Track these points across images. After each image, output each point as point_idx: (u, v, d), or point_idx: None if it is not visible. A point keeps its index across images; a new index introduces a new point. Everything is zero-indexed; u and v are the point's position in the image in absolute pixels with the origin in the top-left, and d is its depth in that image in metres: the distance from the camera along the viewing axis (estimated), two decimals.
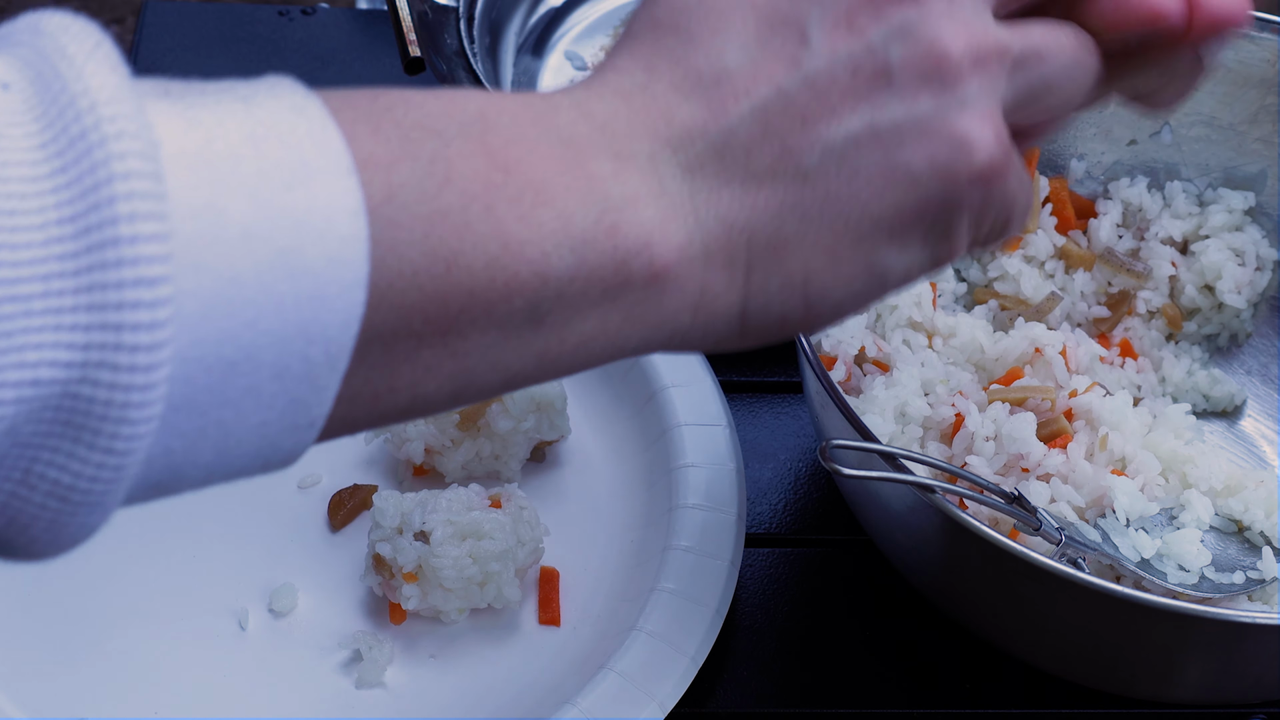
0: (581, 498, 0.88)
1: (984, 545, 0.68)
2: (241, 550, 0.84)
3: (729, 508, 0.83)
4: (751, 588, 0.84)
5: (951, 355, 0.86)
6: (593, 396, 0.92)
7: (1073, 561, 0.73)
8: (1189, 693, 0.77)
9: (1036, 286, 0.90)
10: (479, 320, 0.44)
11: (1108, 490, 0.79)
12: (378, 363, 0.43)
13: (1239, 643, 0.70)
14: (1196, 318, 0.92)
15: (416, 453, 0.85)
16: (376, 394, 0.44)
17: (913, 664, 0.81)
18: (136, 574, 0.82)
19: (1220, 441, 0.90)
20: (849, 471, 0.67)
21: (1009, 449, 0.79)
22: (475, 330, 0.44)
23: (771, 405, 0.93)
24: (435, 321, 0.43)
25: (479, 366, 0.45)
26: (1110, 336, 0.91)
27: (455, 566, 0.78)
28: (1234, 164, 0.91)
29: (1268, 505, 0.80)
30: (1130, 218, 0.93)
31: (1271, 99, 0.89)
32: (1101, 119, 0.92)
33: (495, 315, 0.44)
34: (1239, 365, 0.92)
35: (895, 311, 0.85)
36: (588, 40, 1.10)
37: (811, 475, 0.90)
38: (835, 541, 0.87)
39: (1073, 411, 0.82)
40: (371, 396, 0.44)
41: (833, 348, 0.82)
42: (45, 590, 0.81)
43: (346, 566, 0.83)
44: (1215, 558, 0.78)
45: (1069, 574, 0.67)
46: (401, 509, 0.80)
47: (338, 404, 0.42)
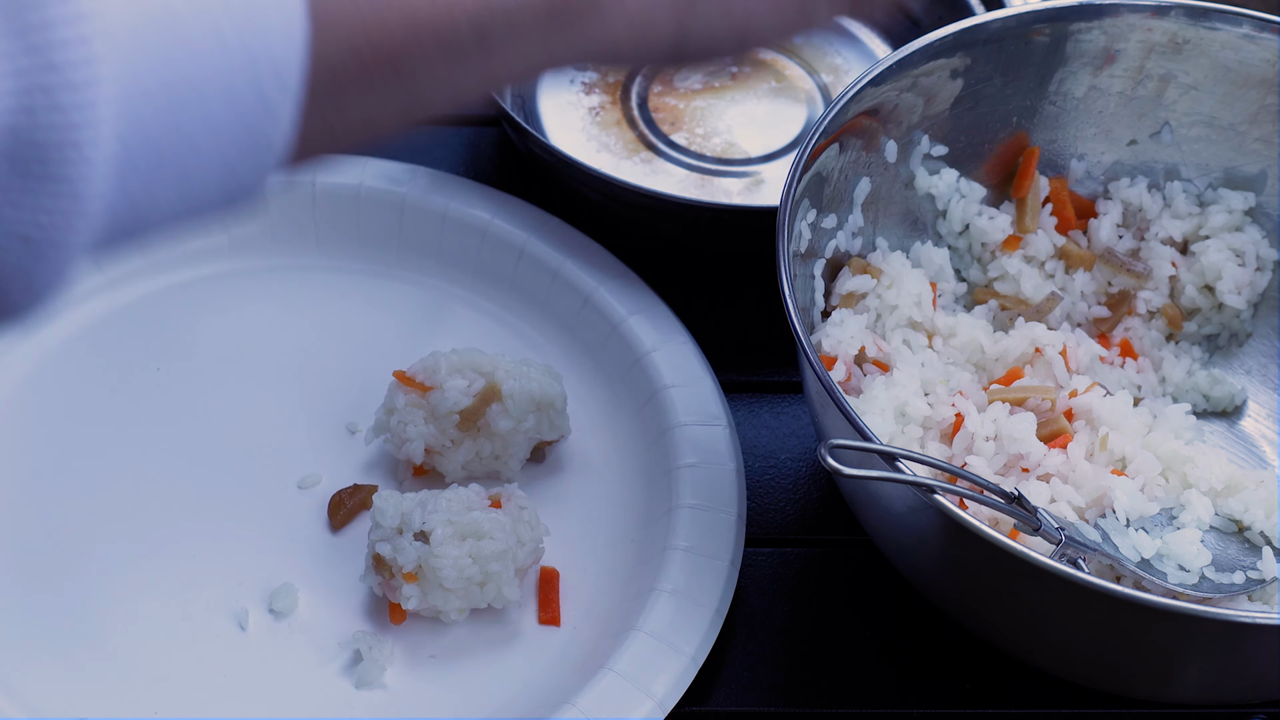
0: (581, 498, 0.88)
1: (984, 545, 0.68)
2: (241, 550, 0.84)
3: (729, 508, 0.83)
4: (751, 588, 0.84)
5: (951, 355, 0.86)
6: (593, 396, 0.92)
7: (1073, 561, 0.73)
8: (1189, 693, 0.77)
9: (1036, 286, 0.90)
10: (426, 45, 0.45)
11: (1108, 490, 0.79)
12: (328, 91, 0.44)
13: (1239, 643, 0.70)
14: (1196, 318, 0.92)
15: (416, 453, 0.85)
16: (329, 123, 0.45)
17: (912, 664, 0.81)
18: (137, 574, 0.82)
19: (1220, 441, 0.90)
20: (849, 471, 0.67)
21: (1009, 449, 0.79)
22: (423, 57, 0.45)
23: (771, 405, 0.93)
24: (383, 48, 0.44)
25: (428, 91, 0.47)
26: (1110, 336, 0.91)
27: (455, 566, 0.78)
28: (1234, 164, 0.92)
29: (1268, 505, 0.80)
30: (1130, 218, 0.93)
31: (1271, 99, 0.89)
32: (1101, 119, 0.92)
33: (444, 44, 0.45)
34: (1239, 365, 0.92)
35: (895, 311, 0.85)
36: None
37: (811, 475, 0.90)
38: (835, 541, 0.87)
39: (1073, 411, 0.82)
40: (324, 126, 0.45)
41: (833, 348, 0.82)
42: (45, 590, 0.81)
43: (346, 566, 0.83)
44: (1215, 558, 0.78)
45: (1069, 574, 0.67)
46: (401, 509, 0.80)
47: (295, 135, 0.43)
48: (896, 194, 0.90)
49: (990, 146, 0.91)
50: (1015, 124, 0.91)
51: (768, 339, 0.96)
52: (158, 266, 0.95)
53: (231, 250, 0.96)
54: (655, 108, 1.06)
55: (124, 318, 0.93)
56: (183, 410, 0.89)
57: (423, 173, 0.98)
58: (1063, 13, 0.88)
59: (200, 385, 0.91)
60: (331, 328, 0.94)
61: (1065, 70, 0.90)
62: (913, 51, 0.85)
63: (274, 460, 0.88)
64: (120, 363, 0.91)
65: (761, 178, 1.03)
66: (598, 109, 1.06)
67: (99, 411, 0.89)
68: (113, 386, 0.90)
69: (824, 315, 0.86)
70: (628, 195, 0.95)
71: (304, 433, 0.89)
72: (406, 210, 0.97)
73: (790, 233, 0.79)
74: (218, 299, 0.95)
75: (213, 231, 0.96)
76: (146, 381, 0.91)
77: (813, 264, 0.86)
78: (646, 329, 0.92)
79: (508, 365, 0.86)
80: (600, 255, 0.95)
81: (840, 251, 0.87)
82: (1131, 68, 0.90)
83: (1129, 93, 0.91)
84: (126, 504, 0.85)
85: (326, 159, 0.47)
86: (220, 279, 0.96)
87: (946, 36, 0.86)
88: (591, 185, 0.96)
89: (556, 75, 1.08)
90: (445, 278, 0.97)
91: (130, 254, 0.45)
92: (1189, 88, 0.90)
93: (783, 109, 1.08)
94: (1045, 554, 0.68)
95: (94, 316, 0.93)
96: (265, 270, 0.96)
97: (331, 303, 0.95)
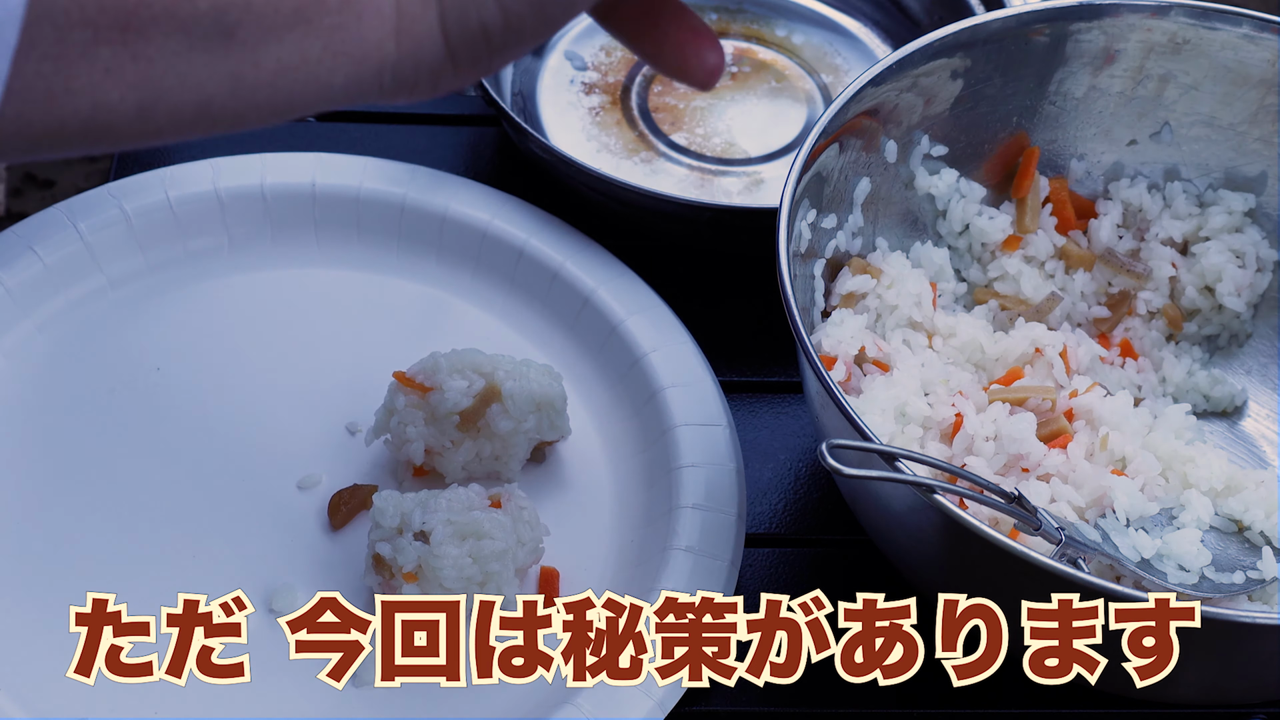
0: (581, 498, 0.88)
1: (984, 545, 0.68)
2: (241, 550, 0.84)
3: (729, 508, 0.83)
4: (751, 588, 0.84)
5: (951, 355, 0.86)
6: (593, 397, 0.92)
7: (1073, 561, 0.73)
8: (1189, 693, 0.77)
9: (1036, 286, 0.90)
10: (160, 19, 0.42)
11: (1108, 490, 0.79)
12: (50, 51, 0.41)
13: (1239, 643, 0.70)
14: (1196, 318, 0.92)
15: (417, 453, 0.85)
16: (52, 92, 0.42)
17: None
18: (136, 574, 0.82)
19: (1220, 441, 0.90)
20: (849, 471, 0.67)
21: (1009, 449, 0.79)
22: (157, 30, 0.43)
23: (771, 405, 0.93)
24: (110, 10, 0.42)
25: (166, 78, 0.44)
26: (1110, 337, 0.91)
27: (455, 566, 0.78)
28: (1234, 164, 0.92)
29: (1268, 505, 0.80)
30: (1130, 218, 0.93)
31: (1271, 99, 0.89)
32: (1101, 119, 0.92)
33: (178, 16, 0.43)
34: (1239, 365, 0.92)
35: (895, 311, 0.85)
36: (587, 40, 1.10)
37: (811, 475, 0.90)
38: (835, 541, 0.87)
39: (1073, 411, 0.82)
40: (47, 94, 0.42)
41: (833, 348, 0.82)
42: (45, 590, 0.81)
43: (346, 566, 0.83)
44: (1215, 558, 0.78)
45: (1069, 574, 0.67)
46: (401, 509, 0.80)
47: (11, 98, 0.41)
48: (896, 194, 0.90)
49: (990, 146, 0.91)
50: (1015, 124, 0.91)
51: (768, 339, 0.96)
52: (158, 266, 0.95)
53: (231, 250, 0.96)
54: (655, 108, 1.06)
55: (124, 318, 0.93)
56: (182, 410, 0.89)
57: (423, 173, 0.98)
58: (1063, 13, 0.88)
59: (200, 385, 0.91)
60: (331, 328, 0.94)
61: (1065, 70, 0.90)
62: (913, 51, 0.85)
63: (274, 460, 0.88)
64: (120, 363, 0.91)
65: (761, 178, 1.03)
66: (598, 109, 1.06)
67: (99, 411, 0.89)
68: (112, 386, 0.90)
69: (824, 315, 0.86)
70: (628, 195, 0.95)
71: (304, 433, 0.89)
72: (406, 210, 0.97)
73: (790, 233, 0.79)
74: (218, 299, 0.95)
75: (213, 231, 0.96)
76: (146, 381, 0.91)
77: (813, 264, 0.86)
78: (646, 329, 0.92)
79: (508, 365, 0.85)
80: (600, 255, 0.95)
81: (840, 251, 0.87)
82: (1131, 68, 0.90)
83: (1129, 93, 0.91)
84: (126, 504, 0.85)
85: (50, 148, 0.44)
86: (220, 279, 0.96)
87: (946, 36, 0.86)
88: (591, 185, 0.96)
89: (556, 75, 1.08)
90: (445, 278, 0.97)
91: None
92: (1189, 88, 0.90)
93: (783, 109, 1.08)
94: (1045, 554, 0.68)
95: (94, 316, 0.93)
96: (265, 270, 0.96)
97: (331, 303, 0.95)
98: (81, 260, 0.93)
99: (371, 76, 0.48)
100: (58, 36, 0.41)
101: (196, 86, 0.44)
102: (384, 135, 1.05)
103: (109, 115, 0.44)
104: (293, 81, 0.46)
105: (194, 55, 0.44)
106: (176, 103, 0.44)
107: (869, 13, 1.14)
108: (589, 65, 1.09)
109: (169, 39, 0.43)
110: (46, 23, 0.40)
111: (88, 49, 0.42)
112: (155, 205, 0.95)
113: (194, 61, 0.44)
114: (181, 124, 0.46)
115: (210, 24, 0.43)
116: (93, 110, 0.43)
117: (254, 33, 0.44)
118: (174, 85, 0.44)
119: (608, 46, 1.10)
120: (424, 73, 0.49)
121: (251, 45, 0.44)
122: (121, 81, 0.43)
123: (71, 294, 0.93)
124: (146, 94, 0.44)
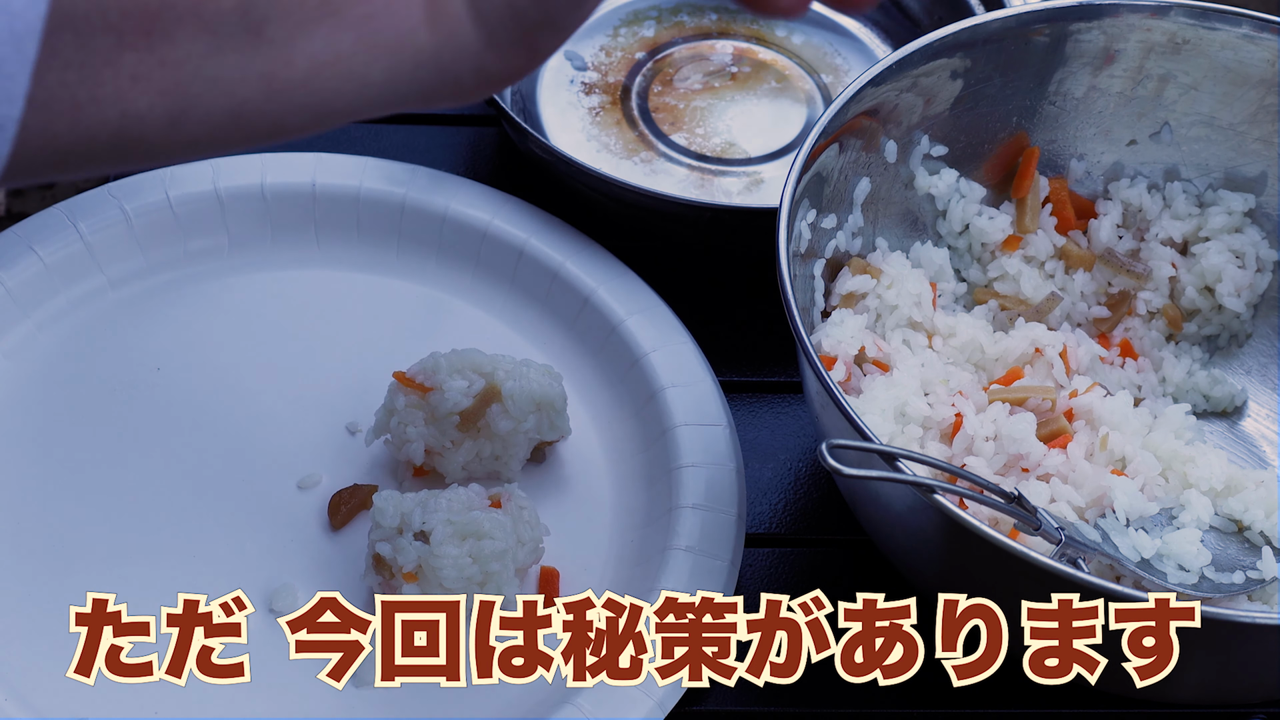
0: (581, 498, 0.88)
1: (984, 545, 0.68)
2: (241, 550, 0.84)
3: (729, 508, 0.83)
4: (751, 588, 0.84)
5: (951, 355, 0.86)
6: (593, 397, 0.92)
7: (1073, 561, 0.73)
8: (1189, 693, 0.77)
9: (1036, 286, 0.90)
10: (185, 19, 0.41)
11: (1108, 490, 0.79)
12: (73, 59, 0.40)
13: (1239, 643, 0.70)
14: (1196, 319, 0.92)
15: (417, 453, 0.85)
16: (78, 102, 0.40)
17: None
18: (137, 574, 0.82)
19: (1220, 441, 0.90)
20: (849, 471, 0.67)
21: (1009, 449, 0.79)
22: (182, 32, 0.41)
23: (771, 405, 0.93)
24: (133, 13, 0.40)
25: (196, 83, 0.42)
26: (1110, 337, 0.91)
27: (455, 566, 0.78)
28: (1234, 164, 0.92)
29: (1268, 505, 0.80)
30: (1130, 218, 0.93)
31: (1271, 99, 0.89)
32: (1101, 119, 0.92)
33: (203, 14, 0.41)
34: (1239, 365, 0.92)
35: (895, 311, 0.85)
36: (587, 40, 1.10)
37: (811, 475, 0.90)
38: (835, 541, 0.87)
39: (1073, 411, 0.82)
40: (72, 104, 0.40)
41: (833, 348, 0.82)
42: (45, 590, 0.81)
43: (346, 566, 0.83)
44: (1215, 558, 0.78)
45: (1069, 574, 0.67)
46: (401, 509, 0.80)
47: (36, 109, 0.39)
48: (896, 194, 0.90)
49: (990, 146, 0.91)
50: (1015, 124, 0.91)
51: (768, 339, 0.96)
52: (158, 266, 0.95)
53: (231, 250, 0.96)
54: (655, 108, 1.06)
55: (124, 318, 0.93)
56: (182, 410, 0.89)
57: (423, 173, 0.98)
58: (1062, 13, 0.88)
59: (200, 385, 0.91)
60: (331, 328, 0.94)
61: (1065, 70, 0.90)
62: (913, 51, 0.85)
63: (274, 460, 0.88)
64: (120, 363, 0.91)
65: (761, 178, 1.03)
66: (598, 109, 1.06)
67: (99, 411, 0.89)
68: (113, 387, 0.90)
69: (824, 315, 0.86)
70: (628, 195, 0.95)
71: (304, 433, 0.89)
72: (406, 210, 0.97)
73: (790, 233, 0.79)
74: (218, 299, 0.95)
75: (213, 231, 0.96)
76: (146, 381, 0.91)
77: (813, 264, 0.86)
78: (646, 329, 0.92)
79: (508, 365, 0.86)
80: (600, 255, 0.95)
81: (840, 251, 0.87)
82: (1131, 68, 0.90)
83: (1129, 93, 0.91)
84: (127, 504, 0.85)
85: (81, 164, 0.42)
86: (220, 279, 0.96)
87: (946, 36, 0.86)
88: (591, 185, 0.96)
89: (556, 75, 1.08)
90: (445, 278, 0.97)
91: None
92: (1189, 88, 0.90)
93: (783, 109, 1.08)
94: (1045, 554, 0.68)
95: (94, 316, 0.93)
96: (265, 270, 0.96)
97: (331, 303, 0.95)
98: (82, 260, 0.93)
99: (408, 70, 0.45)
100: (80, 44, 0.40)
101: (228, 90, 0.43)
102: (384, 135, 1.05)
103: (139, 125, 0.42)
104: (328, 79, 0.44)
105: (223, 56, 0.42)
106: (209, 109, 0.43)
107: (869, 13, 1.14)
108: (589, 65, 1.09)
109: (195, 40, 0.41)
110: (68, 30, 0.39)
111: (112, 56, 0.40)
112: (155, 205, 0.95)
113: (223, 63, 0.42)
114: (216, 132, 0.44)
115: (236, 22, 0.42)
116: (121, 120, 0.42)
117: (282, 28, 0.43)
118: (204, 90, 0.42)
119: (608, 47, 1.10)
120: (465, 61, 0.47)
121: (281, 42, 0.43)
122: (150, 88, 0.41)
123: (71, 294, 0.93)
124: (176, 101, 0.42)
